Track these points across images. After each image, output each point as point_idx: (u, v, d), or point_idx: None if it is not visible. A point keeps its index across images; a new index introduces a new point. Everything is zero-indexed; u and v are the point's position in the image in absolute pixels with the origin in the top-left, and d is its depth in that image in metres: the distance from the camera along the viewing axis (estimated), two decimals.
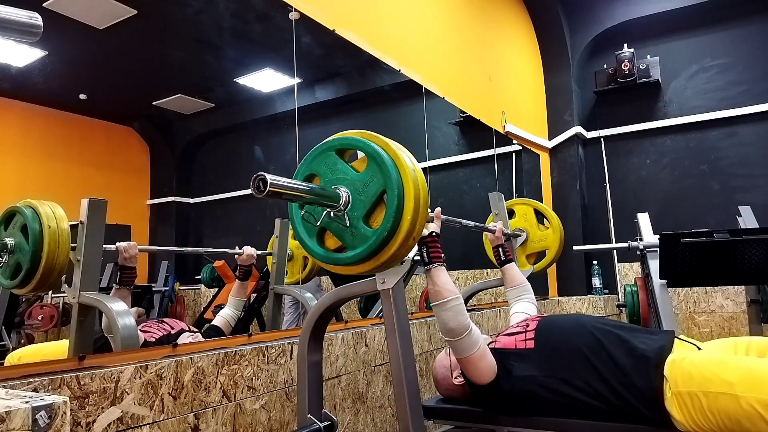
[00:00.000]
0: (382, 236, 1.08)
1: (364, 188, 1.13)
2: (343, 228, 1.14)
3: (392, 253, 1.10)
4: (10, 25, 0.85)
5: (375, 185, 1.12)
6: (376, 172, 1.12)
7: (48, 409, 0.66)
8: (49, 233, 1.26)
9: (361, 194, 1.13)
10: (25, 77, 1.61)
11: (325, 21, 2.34)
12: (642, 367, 1.45)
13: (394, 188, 1.09)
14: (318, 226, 1.18)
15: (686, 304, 4.50)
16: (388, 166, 1.11)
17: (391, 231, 1.08)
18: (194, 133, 2.43)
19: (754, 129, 4.46)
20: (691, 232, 2.13)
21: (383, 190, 1.10)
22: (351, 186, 1.14)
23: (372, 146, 1.14)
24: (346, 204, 1.13)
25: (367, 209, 1.12)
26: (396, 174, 1.10)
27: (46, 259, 1.26)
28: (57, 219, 1.30)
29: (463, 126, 3.74)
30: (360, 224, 1.12)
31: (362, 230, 1.11)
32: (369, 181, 1.12)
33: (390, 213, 1.08)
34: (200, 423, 1.47)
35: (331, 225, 1.17)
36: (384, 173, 1.10)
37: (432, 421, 1.83)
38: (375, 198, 1.11)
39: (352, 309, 2.79)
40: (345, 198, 1.13)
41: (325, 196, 1.12)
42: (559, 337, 1.61)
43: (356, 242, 1.12)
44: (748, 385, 1.28)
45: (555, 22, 4.91)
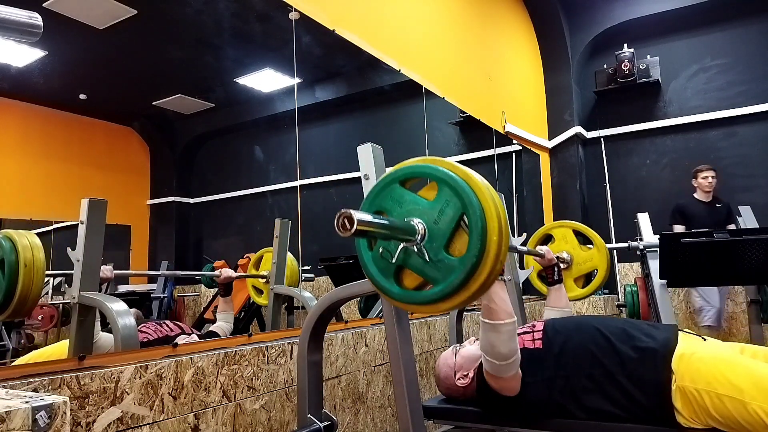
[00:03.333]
0: (470, 263, 0.99)
1: (439, 216, 1.04)
2: (424, 262, 1.04)
3: (482, 281, 1.00)
4: (10, 25, 0.85)
5: (451, 210, 1.03)
6: (450, 197, 1.03)
7: (48, 409, 0.66)
8: (24, 270, 1.27)
9: (438, 223, 1.04)
10: (25, 77, 1.61)
11: (325, 21, 2.34)
12: (649, 360, 1.46)
13: (475, 209, 1.00)
14: (394, 264, 1.08)
15: (686, 304, 4.50)
16: (463, 188, 1.02)
17: (479, 256, 0.98)
18: (194, 133, 2.42)
19: (754, 129, 4.46)
20: (691, 232, 2.14)
21: (461, 214, 1.02)
22: (424, 216, 1.05)
23: (441, 170, 1.05)
24: (422, 236, 1.04)
25: (447, 238, 1.03)
26: (473, 194, 1.01)
27: (21, 292, 1.27)
28: (33, 249, 1.29)
29: (463, 126, 3.74)
30: (442, 255, 1.02)
31: (446, 261, 1.02)
32: (444, 208, 1.03)
33: (475, 237, 0.99)
34: (200, 423, 1.47)
35: (408, 261, 1.07)
36: (460, 196, 1.02)
37: (432, 421, 1.83)
38: (454, 224, 1.02)
39: (352, 309, 2.79)
40: (421, 230, 1.04)
41: (403, 229, 1.03)
42: (566, 336, 1.60)
43: (442, 275, 1.02)
44: (758, 392, 1.29)
45: (555, 22, 4.91)
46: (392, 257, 1.07)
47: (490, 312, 1.45)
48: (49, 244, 1.70)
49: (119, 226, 1.96)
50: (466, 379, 1.72)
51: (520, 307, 2.36)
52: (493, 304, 1.43)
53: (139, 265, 2.10)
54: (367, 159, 1.42)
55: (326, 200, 2.91)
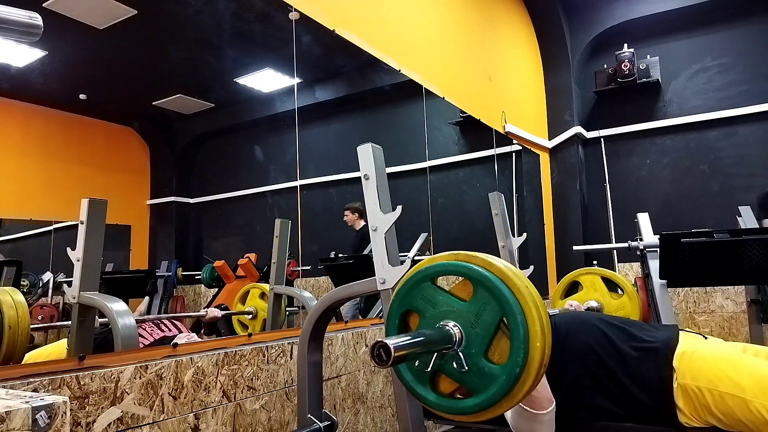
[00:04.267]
0: (513, 373, 0.92)
1: (477, 319, 0.97)
2: (462, 370, 0.97)
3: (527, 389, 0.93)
4: (10, 25, 0.85)
5: (490, 314, 0.96)
6: (488, 299, 0.96)
7: (48, 409, 0.66)
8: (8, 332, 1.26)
9: (475, 327, 0.96)
10: (25, 77, 1.61)
11: (325, 21, 2.34)
12: (650, 358, 1.46)
13: (516, 314, 0.93)
14: (430, 371, 1.00)
15: (686, 304, 4.50)
16: (502, 290, 0.95)
17: (523, 364, 0.91)
18: (194, 133, 2.42)
19: (754, 129, 4.46)
20: (691, 232, 2.13)
21: (501, 318, 0.95)
22: (460, 319, 0.98)
23: (476, 270, 0.98)
24: (459, 342, 0.97)
25: (487, 343, 0.96)
26: (512, 296, 0.94)
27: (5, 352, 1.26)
28: (17, 308, 1.28)
29: (463, 126, 3.74)
30: (482, 362, 0.95)
31: (486, 369, 0.94)
32: (481, 311, 0.96)
33: (517, 345, 0.92)
34: (200, 423, 1.47)
35: (444, 367, 0.99)
36: (498, 298, 0.95)
37: (432, 421, 1.83)
38: (493, 328, 0.96)
39: None
40: (457, 335, 0.97)
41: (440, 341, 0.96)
42: (566, 335, 1.60)
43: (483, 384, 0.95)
44: (760, 390, 1.28)
45: (555, 22, 4.91)
46: (427, 366, 0.99)
47: (530, 400, 1.30)
48: (49, 244, 1.71)
49: (119, 226, 1.96)
50: None
51: None
52: (535, 392, 1.25)
53: (139, 265, 2.10)
54: (367, 159, 1.42)
55: (326, 200, 2.91)
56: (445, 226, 3.36)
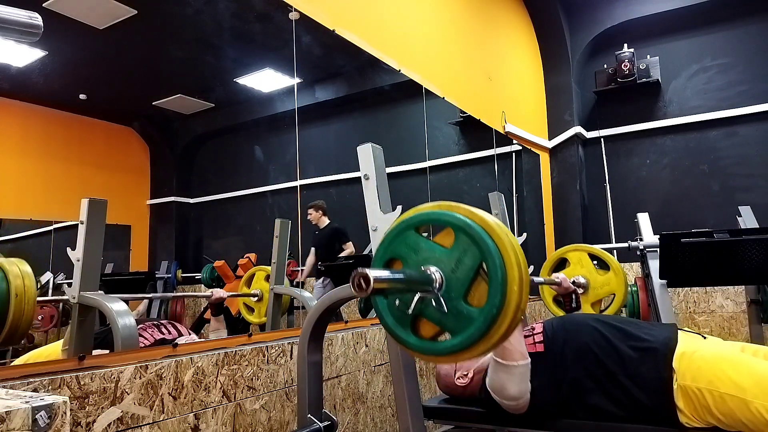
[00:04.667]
0: (490, 314, 0.96)
1: (457, 265, 1.01)
2: (442, 313, 1.01)
3: (503, 332, 0.97)
4: (10, 25, 0.85)
5: (470, 259, 1.00)
6: (468, 245, 1.00)
7: (48, 409, 0.66)
8: (15, 300, 1.26)
9: (455, 272, 1.01)
10: (25, 77, 1.61)
11: (325, 21, 2.34)
12: (650, 359, 1.46)
13: (495, 258, 0.97)
14: (411, 314, 1.04)
15: (686, 304, 4.50)
16: (482, 236, 0.99)
17: (500, 306, 0.96)
18: (194, 133, 2.42)
19: (754, 129, 4.46)
20: (691, 232, 2.13)
21: (480, 263, 0.99)
22: (441, 264, 1.02)
23: (457, 217, 1.03)
24: (439, 286, 1.01)
25: (466, 287, 1.00)
26: (491, 242, 0.99)
27: (12, 322, 1.26)
28: (24, 278, 1.28)
29: (463, 126, 3.74)
30: (461, 305, 1.00)
31: (465, 312, 0.99)
32: (461, 256, 1.01)
33: (495, 287, 0.96)
34: (200, 423, 1.47)
35: (425, 311, 1.04)
36: (478, 244, 0.99)
37: (432, 421, 1.83)
38: (473, 273, 1.00)
39: (352, 309, 2.78)
40: (438, 278, 1.01)
41: (420, 281, 1.01)
42: (566, 338, 1.60)
43: (461, 326, 0.99)
44: (760, 391, 1.29)
45: (555, 22, 4.91)
46: (408, 308, 1.03)
47: (503, 351, 1.39)
48: (49, 244, 1.71)
49: (119, 226, 1.96)
50: (465, 379, 1.72)
51: None
52: (508, 343, 1.39)
53: (139, 265, 2.10)
54: (367, 159, 1.41)
55: (326, 200, 2.91)
56: None
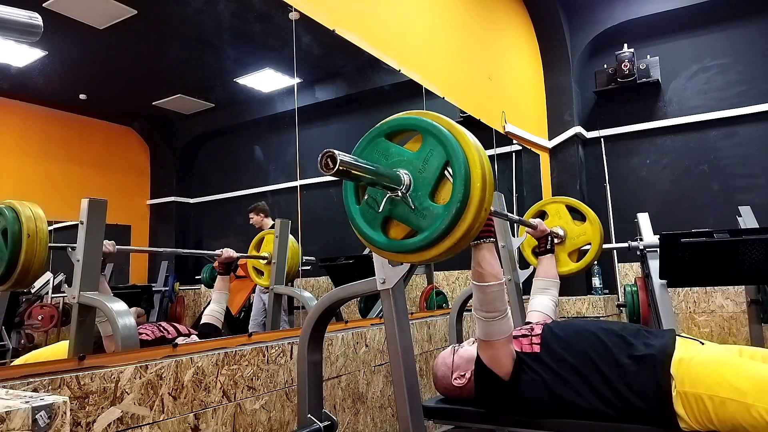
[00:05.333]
0: (454, 209, 0.99)
1: (424, 165, 1.06)
2: (409, 211, 1.06)
3: (467, 228, 1.01)
4: (10, 25, 0.85)
5: (436, 159, 1.05)
6: (434, 145, 1.05)
7: (48, 409, 0.66)
8: (27, 240, 1.26)
9: (423, 172, 1.05)
10: (25, 77, 1.61)
11: (325, 21, 2.34)
12: (648, 367, 1.45)
13: (459, 156, 1.02)
14: (380, 214, 1.09)
15: (686, 304, 4.50)
16: (447, 137, 1.05)
17: (462, 202, 0.99)
18: (194, 133, 2.42)
19: (754, 129, 4.46)
20: (691, 232, 2.13)
21: (446, 162, 1.04)
22: (409, 166, 1.07)
23: (425, 121, 1.09)
24: (408, 186, 1.06)
25: (432, 186, 1.04)
26: (456, 143, 1.04)
27: (25, 255, 1.26)
28: (36, 218, 1.29)
29: (463, 126, 3.72)
30: (427, 202, 1.04)
31: (431, 209, 1.03)
32: (428, 157, 1.05)
33: (459, 183, 1.00)
34: (200, 423, 1.47)
35: (394, 212, 1.08)
36: (444, 144, 1.04)
37: (432, 421, 1.83)
38: (438, 172, 1.04)
39: (352, 309, 2.78)
40: (406, 180, 1.06)
41: (387, 176, 1.04)
42: (564, 341, 1.60)
43: (426, 223, 1.03)
44: (760, 394, 1.28)
45: (555, 22, 4.90)
46: (379, 207, 1.09)
47: (477, 274, 1.48)
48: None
49: (119, 226, 1.96)
50: (462, 380, 1.72)
51: (519, 306, 2.35)
52: (479, 267, 1.47)
53: (139, 265, 2.10)
54: None
55: (326, 200, 2.90)
56: None
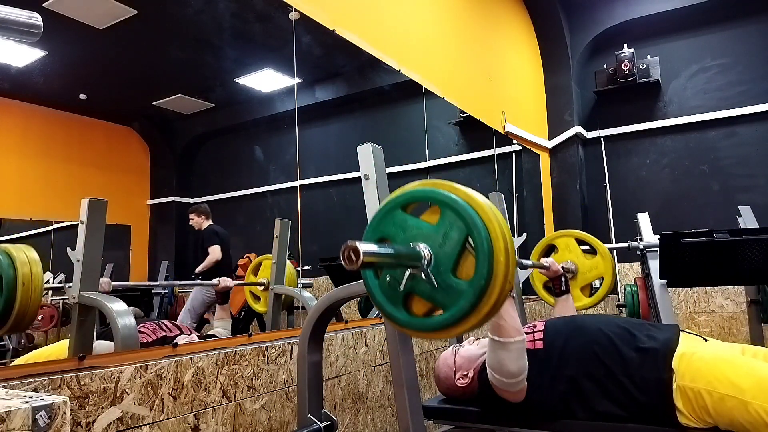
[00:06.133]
0: (479, 285, 0.97)
1: (444, 239, 1.02)
2: (432, 288, 1.02)
3: (493, 303, 0.98)
4: (10, 25, 0.85)
5: (456, 232, 1.01)
6: (453, 219, 1.02)
7: (48, 409, 0.66)
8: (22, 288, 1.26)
9: (443, 246, 1.02)
10: (25, 77, 1.61)
11: (325, 21, 2.34)
12: (650, 359, 1.46)
13: (480, 230, 0.98)
14: (402, 292, 1.05)
15: (686, 304, 4.50)
16: (466, 209, 1.01)
17: (488, 277, 0.96)
18: (194, 133, 2.43)
19: (754, 129, 4.46)
20: (691, 232, 2.13)
21: (466, 236, 1.00)
22: (429, 240, 1.03)
23: (442, 193, 1.05)
24: (428, 261, 1.02)
25: (454, 261, 1.01)
26: (476, 215, 1.00)
27: (19, 309, 1.27)
28: (31, 265, 1.28)
29: (463, 126, 3.74)
30: (450, 279, 1.00)
31: (455, 285, 1.00)
32: (448, 230, 1.02)
33: (482, 259, 0.97)
34: (200, 423, 1.47)
35: (416, 288, 1.04)
36: (463, 217, 1.00)
37: (432, 421, 1.83)
38: (459, 246, 1.01)
39: (352, 309, 2.79)
40: (427, 255, 1.02)
41: (408, 255, 1.01)
42: (567, 335, 1.60)
43: (451, 300, 1.00)
44: (759, 392, 1.28)
45: (555, 22, 4.90)
46: (399, 285, 1.04)
47: (499, 329, 1.42)
48: (49, 244, 1.71)
49: (119, 226, 1.96)
50: (465, 379, 1.72)
51: (520, 307, 2.35)
52: (502, 320, 1.41)
53: (139, 265, 2.10)
54: (367, 159, 1.41)
55: (326, 200, 2.91)
56: None
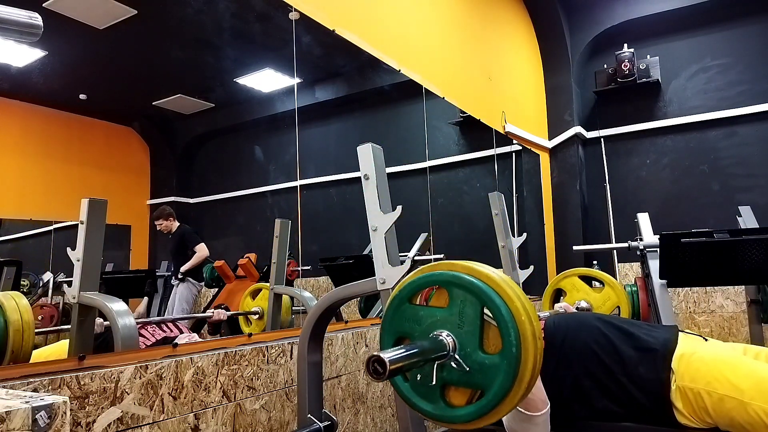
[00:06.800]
0: (511, 353, 0.93)
1: (462, 319, 0.98)
2: (465, 373, 0.97)
3: (531, 367, 0.94)
4: (10, 25, 0.85)
5: (471, 307, 0.98)
6: (464, 296, 0.99)
7: (48, 409, 0.66)
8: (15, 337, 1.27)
9: (462, 326, 0.98)
10: (25, 77, 1.61)
11: (325, 21, 2.34)
12: (649, 359, 1.46)
13: (493, 298, 0.95)
14: (436, 386, 1.00)
15: (686, 304, 4.50)
16: (472, 282, 0.98)
17: (516, 341, 0.93)
18: (194, 133, 2.43)
19: (754, 129, 4.46)
20: (691, 232, 2.13)
21: (482, 308, 0.97)
22: (447, 325, 0.99)
23: (443, 273, 1.02)
24: (454, 348, 0.98)
25: (478, 337, 0.97)
26: (483, 284, 0.97)
27: (11, 355, 1.27)
28: (22, 313, 1.29)
29: (463, 126, 3.74)
30: (480, 357, 0.96)
31: (486, 362, 0.96)
32: (462, 308, 0.99)
33: (505, 323, 0.94)
34: (200, 423, 1.47)
35: (448, 378, 1.00)
36: (472, 291, 0.98)
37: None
38: (479, 320, 0.97)
39: (352, 309, 2.79)
40: (450, 342, 0.98)
41: (434, 348, 0.98)
42: (566, 334, 1.60)
43: (488, 378, 0.95)
44: (758, 393, 1.28)
45: (555, 22, 4.90)
46: (431, 380, 1.00)
47: (525, 401, 1.32)
48: (49, 244, 1.71)
49: (119, 226, 1.96)
50: None
51: None
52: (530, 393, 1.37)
53: (139, 265, 2.10)
54: (367, 159, 1.41)
55: (326, 200, 2.91)
56: (445, 226, 3.36)
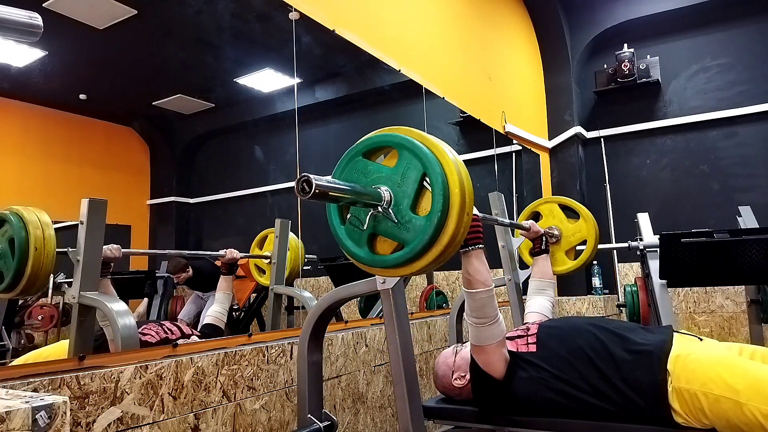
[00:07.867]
0: (436, 218, 1.03)
1: (402, 179, 1.09)
2: (393, 226, 1.09)
3: (451, 235, 1.04)
4: (10, 25, 0.85)
5: (413, 171, 1.08)
6: (410, 159, 1.09)
7: (48, 409, 0.66)
8: (34, 243, 1.25)
9: (402, 186, 1.09)
10: (25, 77, 1.61)
11: (325, 21, 2.34)
12: (644, 362, 1.46)
13: (435, 166, 1.06)
14: (365, 231, 1.12)
15: (686, 304, 4.50)
16: (421, 149, 1.08)
17: (443, 210, 1.03)
18: (194, 133, 2.43)
19: (754, 129, 4.46)
20: (691, 232, 2.13)
21: (423, 174, 1.07)
22: (389, 182, 1.10)
23: (398, 136, 1.13)
24: (389, 201, 1.09)
25: (413, 198, 1.08)
26: (430, 153, 1.08)
27: (32, 267, 1.25)
28: (43, 226, 1.28)
29: (463, 126, 3.74)
30: (409, 215, 1.07)
31: (414, 221, 1.06)
32: (405, 170, 1.09)
33: (437, 192, 1.04)
34: (200, 423, 1.47)
35: (379, 228, 1.12)
36: (419, 156, 1.08)
37: (432, 421, 1.83)
38: (417, 184, 1.08)
39: (352, 309, 2.79)
40: (387, 195, 1.09)
41: (367, 194, 1.08)
42: (560, 339, 1.60)
43: (411, 235, 1.06)
44: (754, 394, 1.28)
45: (555, 22, 4.90)
46: (363, 225, 1.12)
47: (466, 281, 1.51)
48: None
49: (119, 226, 1.96)
50: (462, 380, 1.73)
51: (519, 306, 2.36)
52: (467, 274, 1.50)
53: (139, 265, 2.10)
54: None
55: None
56: None
